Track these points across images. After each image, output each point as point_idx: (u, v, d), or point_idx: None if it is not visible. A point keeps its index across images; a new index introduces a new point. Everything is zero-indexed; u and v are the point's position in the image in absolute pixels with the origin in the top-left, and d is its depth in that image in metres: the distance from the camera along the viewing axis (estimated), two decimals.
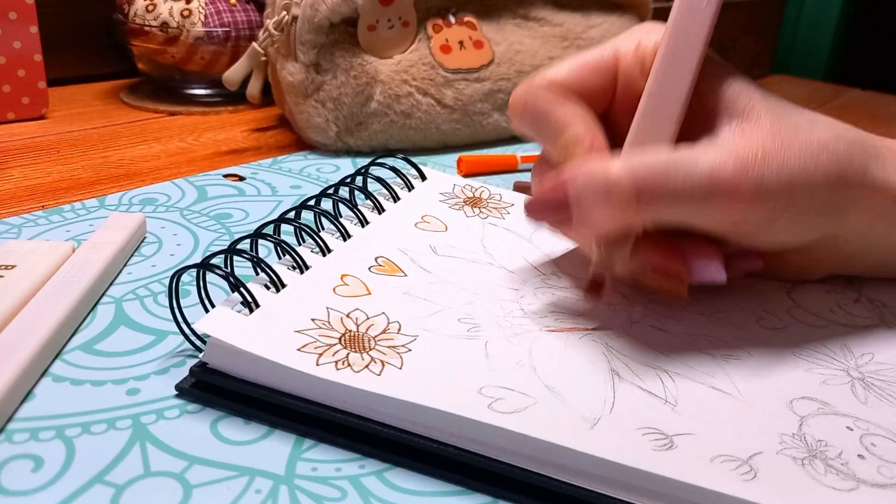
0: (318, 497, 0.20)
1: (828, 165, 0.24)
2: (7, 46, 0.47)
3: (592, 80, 0.27)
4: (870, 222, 0.26)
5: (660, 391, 0.22)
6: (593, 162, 0.24)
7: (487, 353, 0.23)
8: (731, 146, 0.24)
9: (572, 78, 0.27)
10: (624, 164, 0.23)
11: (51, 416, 0.22)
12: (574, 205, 0.24)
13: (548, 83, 0.26)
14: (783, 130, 0.24)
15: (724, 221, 0.24)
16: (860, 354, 0.26)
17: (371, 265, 0.27)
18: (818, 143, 0.24)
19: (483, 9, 0.50)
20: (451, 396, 0.21)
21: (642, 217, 0.24)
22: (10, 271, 0.27)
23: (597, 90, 0.27)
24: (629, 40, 0.27)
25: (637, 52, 0.26)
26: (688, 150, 0.24)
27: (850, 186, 0.25)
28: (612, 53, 0.27)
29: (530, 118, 0.27)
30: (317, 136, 0.46)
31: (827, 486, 0.19)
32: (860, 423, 0.22)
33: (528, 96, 0.27)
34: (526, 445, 0.20)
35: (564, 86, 0.26)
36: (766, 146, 0.24)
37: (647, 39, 0.26)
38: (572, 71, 0.27)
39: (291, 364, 0.21)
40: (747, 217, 0.24)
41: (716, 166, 0.23)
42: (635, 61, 0.26)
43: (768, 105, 0.25)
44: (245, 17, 0.53)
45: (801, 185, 0.24)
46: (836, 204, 0.25)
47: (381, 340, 0.23)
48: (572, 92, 0.26)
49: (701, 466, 0.19)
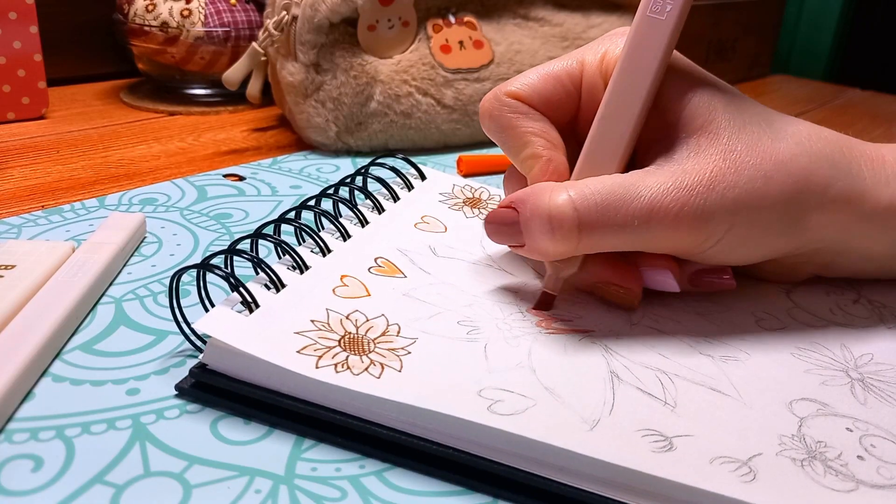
0: (318, 497, 0.20)
1: (781, 184, 0.24)
2: (7, 46, 0.47)
3: (557, 92, 0.27)
4: (839, 232, 0.26)
5: (659, 392, 0.22)
6: (542, 190, 0.24)
7: (487, 355, 0.23)
8: (678, 171, 0.24)
9: (536, 90, 0.27)
10: (566, 197, 0.24)
11: (51, 416, 0.22)
12: (523, 231, 0.25)
13: (513, 95, 0.27)
14: (739, 147, 0.24)
15: (667, 247, 0.25)
16: (859, 355, 0.26)
17: (370, 266, 0.27)
18: (774, 161, 0.24)
19: (483, 9, 0.50)
20: (450, 399, 0.21)
21: (585, 247, 0.24)
22: (9, 271, 0.27)
23: (561, 101, 0.27)
24: (596, 49, 0.27)
25: (602, 64, 0.27)
26: (632, 178, 0.24)
27: (802, 208, 0.25)
28: (578, 64, 0.27)
29: (495, 130, 0.27)
30: (317, 136, 0.46)
31: (826, 488, 0.19)
32: (859, 423, 0.22)
33: (492, 108, 0.27)
34: (526, 447, 0.20)
35: (529, 98, 0.27)
36: (717, 167, 0.24)
37: (613, 49, 0.26)
38: (536, 83, 0.27)
39: (291, 367, 0.21)
40: (689, 241, 0.24)
41: (657, 196, 0.24)
42: (598, 72, 0.27)
43: (730, 118, 0.25)
44: (245, 17, 0.54)
45: (747, 206, 0.24)
46: (786, 221, 0.25)
47: (380, 343, 0.23)
48: (538, 102, 0.27)
49: (700, 468, 0.19)
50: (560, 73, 0.27)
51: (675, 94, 0.25)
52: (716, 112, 0.25)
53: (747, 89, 0.76)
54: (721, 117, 0.25)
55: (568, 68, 0.27)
